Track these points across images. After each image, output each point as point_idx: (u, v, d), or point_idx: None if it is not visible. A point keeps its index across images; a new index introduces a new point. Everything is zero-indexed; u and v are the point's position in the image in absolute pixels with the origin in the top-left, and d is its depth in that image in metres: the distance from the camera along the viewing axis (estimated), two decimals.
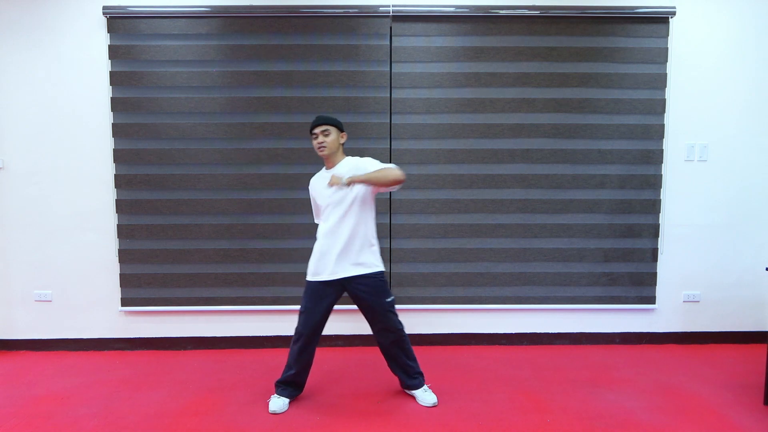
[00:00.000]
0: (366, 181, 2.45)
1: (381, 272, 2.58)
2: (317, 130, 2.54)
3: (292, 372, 2.59)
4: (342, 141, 2.59)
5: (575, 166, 3.41)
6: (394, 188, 2.53)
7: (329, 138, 2.53)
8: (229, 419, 2.46)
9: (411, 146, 3.37)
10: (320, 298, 2.55)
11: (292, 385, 2.62)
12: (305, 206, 3.38)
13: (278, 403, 2.55)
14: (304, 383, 2.68)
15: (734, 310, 3.51)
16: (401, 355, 2.62)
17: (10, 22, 3.27)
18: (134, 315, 3.44)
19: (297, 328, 2.58)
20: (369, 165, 2.52)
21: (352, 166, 2.54)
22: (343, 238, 2.51)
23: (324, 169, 2.64)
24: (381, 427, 2.37)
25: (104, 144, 3.34)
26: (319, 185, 2.61)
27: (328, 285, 2.54)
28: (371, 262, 2.55)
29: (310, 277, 2.59)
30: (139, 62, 3.31)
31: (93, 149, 3.34)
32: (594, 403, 2.61)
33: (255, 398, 2.69)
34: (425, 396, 2.61)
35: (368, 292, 2.52)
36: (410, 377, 2.64)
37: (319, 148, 2.54)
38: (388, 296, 2.57)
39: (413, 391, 2.65)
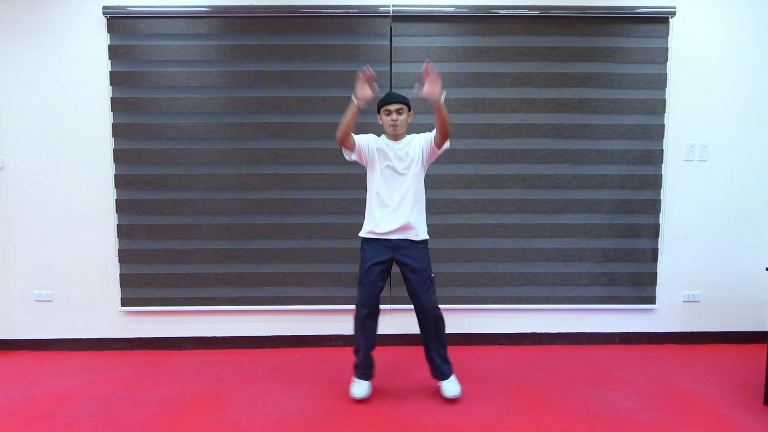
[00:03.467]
0: (443, 112, 2.45)
1: (425, 241, 2.67)
2: (392, 107, 2.55)
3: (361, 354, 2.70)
4: (409, 120, 2.64)
5: (575, 166, 3.41)
6: (443, 149, 2.59)
7: (402, 116, 2.57)
8: (229, 419, 2.46)
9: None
10: (376, 263, 2.60)
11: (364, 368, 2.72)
12: (305, 206, 3.38)
13: (357, 387, 2.67)
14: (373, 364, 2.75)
15: (734, 310, 3.51)
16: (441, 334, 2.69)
17: (11, 22, 3.27)
18: (134, 315, 3.44)
19: (358, 300, 2.65)
20: (427, 135, 2.61)
21: (417, 139, 2.63)
22: (409, 200, 2.58)
23: (386, 138, 2.65)
24: (381, 427, 2.37)
25: (104, 144, 3.34)
26: (386, 151, 2.61)
27: (383, 244, 2.60)
28: (420, 232, 2.63)
29: (369, 234, 2.63)
30: (139, 62, 3.31)
31: (93, 149, 3.34)
32: (594, 403, 2.61)
33: (255, 398, 2.69)
34: (449, 387, 2.68)
35: (419, 260, 2.60)
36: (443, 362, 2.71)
37: (393, 125, 2.56)
38: (431, 271, 2.66)
39: (441, 382, 2.72)
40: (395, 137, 2.62)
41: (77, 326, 3.44)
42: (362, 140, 2.61)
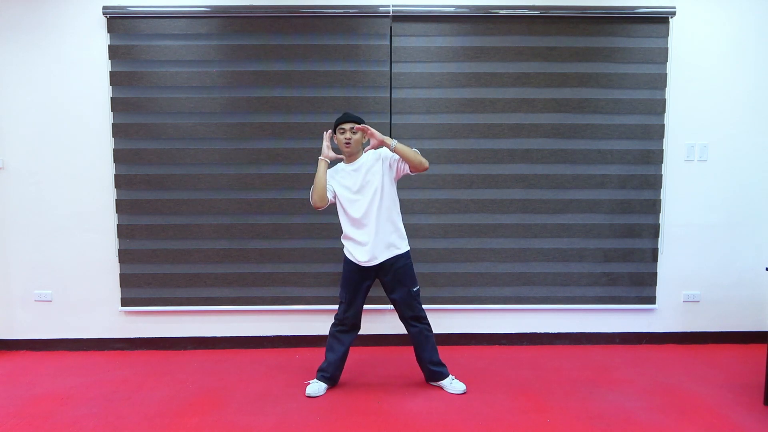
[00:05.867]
0: (403, 153, 2.52)
1: (407, 252, 2.72)
2: (347, 126, 2.61)
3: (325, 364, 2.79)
4: (364, 141, 2.67)
5: (575, 166, 3.41)
6: (417, 172, 2.62)
7: (356, 136, 2.62)
8: (229, 419, 2.46)
9: (411, 146, 3.35)
10: (360, 281, 2.71)
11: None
12: (305, 206, 3.38)
13: (313, 387, 2.74)
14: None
15: (734, 310, 3.51)
16: (427, 345, 2.75)
17: (11, 22, 3.27)
18: (134, 315, 3.44)
19: (337, 316, 2.75)
20: (389, 153, 2.61)
21: (375, 155, 2.63)
22: (372, 226, 2.60)
23: (343, 163, 2.72)
24: (381, 428, 2.37)
25: (104, 144, 3.34)
26: (341, 177, 2.68)
27: (367, 269, 2.68)
28: (399, 244, 2.70)
29: (349, 255, 2.71)
30: (139, 62, 3.31)
31: (93, 149, 3.34)
32: (594, 403, 2.61)
33: (255, 398, 2.69)
34: (453, 385, 2.74)
35: (400, 275, 2.67)
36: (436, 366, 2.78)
37: (346, 144, 2.61)
38: (415, 284, 2.72)
39: (440, 382, 2.77)
40: (349, 156, 2.67)
41: (77, 326, 3.44)
42: (329, 187, 2.64)
